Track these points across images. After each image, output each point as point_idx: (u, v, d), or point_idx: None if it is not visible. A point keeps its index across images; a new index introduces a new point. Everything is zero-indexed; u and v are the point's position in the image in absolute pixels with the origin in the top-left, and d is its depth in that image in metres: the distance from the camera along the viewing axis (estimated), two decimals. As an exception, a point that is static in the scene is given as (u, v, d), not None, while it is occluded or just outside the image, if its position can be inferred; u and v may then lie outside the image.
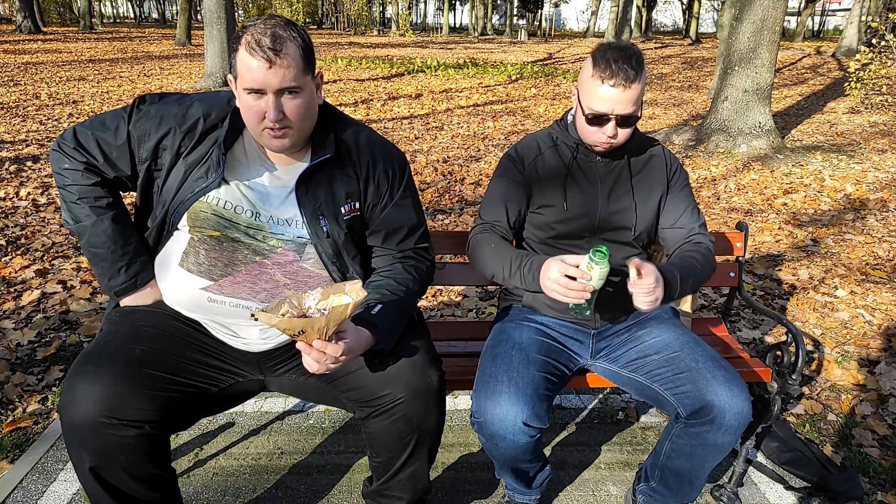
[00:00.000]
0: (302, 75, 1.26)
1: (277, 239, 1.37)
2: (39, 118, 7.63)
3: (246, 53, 1.22)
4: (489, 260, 1.61)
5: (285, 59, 1.22)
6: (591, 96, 1.47)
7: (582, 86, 1.52)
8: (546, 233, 1.67)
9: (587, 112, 1.50)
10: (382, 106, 9.58)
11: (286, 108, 1.26)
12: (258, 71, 1.21)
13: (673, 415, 1.52)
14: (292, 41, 1.24)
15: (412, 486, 1.50)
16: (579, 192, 1.63)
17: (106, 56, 15.94)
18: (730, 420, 1.42)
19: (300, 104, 1.27)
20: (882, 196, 5.17)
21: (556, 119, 1.73)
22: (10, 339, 2.68)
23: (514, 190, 1.66)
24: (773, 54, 6.29)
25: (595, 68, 1.46)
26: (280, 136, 1.29)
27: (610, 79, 1.43)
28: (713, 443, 1.46)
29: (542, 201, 1.65)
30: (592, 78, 1.46)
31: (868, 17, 16.59)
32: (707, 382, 1.45)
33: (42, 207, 4.45)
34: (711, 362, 1.50)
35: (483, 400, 1.44)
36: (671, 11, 53.45)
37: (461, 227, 4.37)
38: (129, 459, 1.26)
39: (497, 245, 1.62)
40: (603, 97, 1.45)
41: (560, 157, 1.65)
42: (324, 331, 1.14)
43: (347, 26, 43.49)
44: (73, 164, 1.38)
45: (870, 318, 3.10)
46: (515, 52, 21.79)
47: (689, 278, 1.53)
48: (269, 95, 1.24)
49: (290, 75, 1.23)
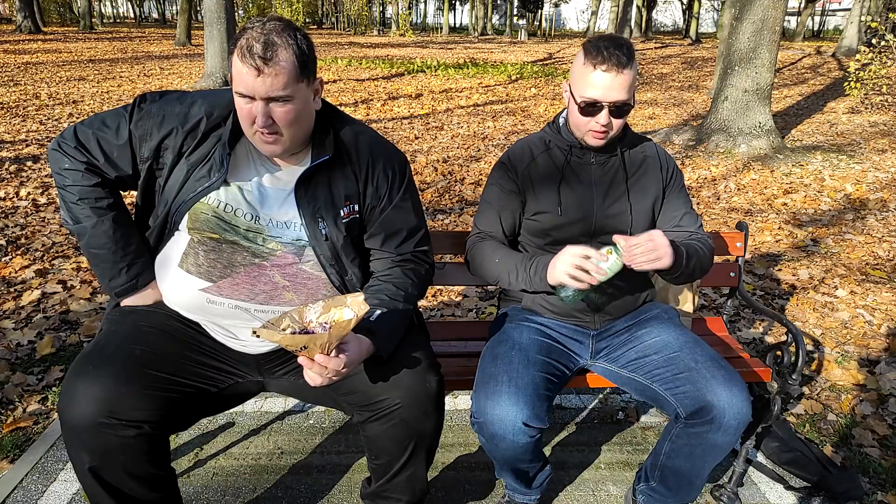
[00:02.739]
0: (294, 83, 1.24)
1: (276, 241, 1.36)
2: (39, 118, 7.63)
3: (237, 59, 1.22)
4: (492, 266, 1.62)
5: (274, 68, 1.20)
6: (584, 84, 1.48)
7: (574, 77, 1.52)
8: (542, 238, 1.67)
9: (580, 101, 1.50)
10: (382, 106, 9.58)
11: (275, 114, 1.25)
12: (247, 77, 1.21)
13: (672, 415, 1.52)
14: (286, 48, 1.22)
15: (410, 489, 1.50)
16: (574, 197, 1.62)
17: (106, 56, 15.94)
18: (729, 420, 1.42)
19: (289, 111, 1.26)
20: (882, 196, 5.17)
21: (548, 122, 1.73)
22: (10, 339, 2.68)
23: (508, 198, 1.67)
24: (774, 54, 6.29)
25: (587, 56, 1.47)
26: (271, 142, 1.28)
27: (602, 64, 1.44)
28: (713, 443, 1.46)
29: (536, 207, 1.64)
30: (584, 66, 1.47)
31: (868, 17, 16.59)
32: (707, 382, 1.45)
33: (42, 207, 4.45)
34: (711, 362, 1.50)
35: (483, 400, 1.44)
36: (671, 11, 53.45)
37: (461, 227, 4.37)
38: (129, 459, 1.26)
39: (497, 250, 1.63)
40: (595, 83, 1.46)
41: (553, 162, 1.65)
42: (326, 346, 1.14)
43: (347, 26, 43.48)
44: (73, 164, 1.37)
45: (870, 318, 3.10)
46: (515, 52, 21.78)
47: (693, 257, 1.54)
48: (258, 101, 1.23)
49: (278, 84, 1.22)
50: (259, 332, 1.09)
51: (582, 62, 1.48)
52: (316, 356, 1.15)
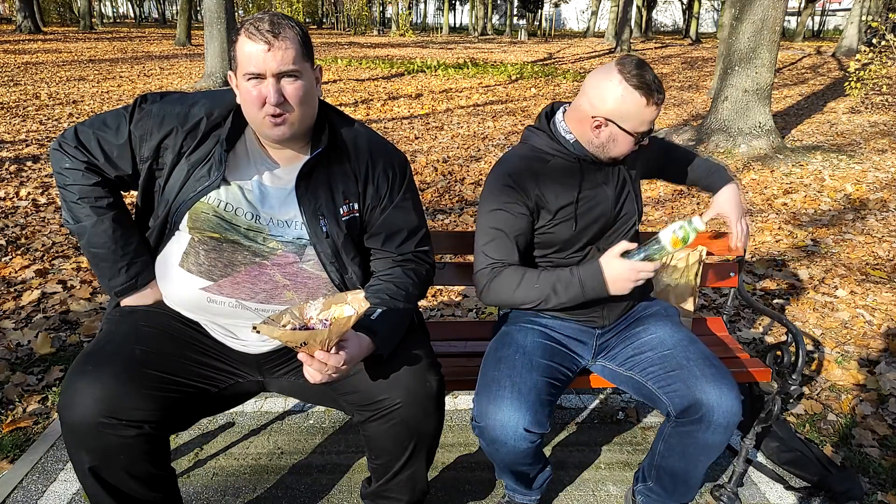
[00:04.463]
0: (301, 60, 1.27)
1: (277, 241, 1.36)
2: (39, 118, 7.63)
3: (245, 39, 1.24)
4: (531, 291, 1.52)
5: (284, 42, 1.24)
6: (639, 121, 1.47)
7: (623, 113, 1.47)
8: (549, 249, 1.62)
9: (635, 134, 1.49)
10: (382, 106, 9.58)
11: (286, 91, 1.26)
12: (257, 55, 1.23)
13: (665, 413, 1.52)
14: (290, 28, 1.26)
15: (410, 488, 1.50)
16: (587, 205, 1.59)
17: (106, 56, 15.94)
18: (718, 419, 1.42)
19: (299, 87, 1.28)
20: (882, 196, 5.17)
21: (532, 128, 1.65)
22: (10, 339, 2.68)
23: (519, 222, 1.55)
24: (774, 54, 6.29)
25: (639, 91, 1.43)
26: (280, 123, 1.29)
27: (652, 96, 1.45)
28: (704, 441, 1.46)
29: (551, 223, 1.58)
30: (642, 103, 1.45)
31: (868, 16, 16.59)
32: (697, 381, 1.45)
33: (42, 207, 4.45)
34: (703, 360, 1.50)
35: (485, 405, 1.43)
36: (671, 11, 53.43)
37: (461, 227, 4.37)
38: (129, 459, 1.26)
39: (527, 274, 1.53)
40: (649, 118, 1.48)
41: (563, 174, 1.58)
42: (326, 343, 1.14)
43: (347, 26, 43.49)
44: (73, 164, 1.37)
45: (870, 318, 3.10)
46: (515, 52, 21.78)
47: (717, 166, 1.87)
48: (268, 79, 1.24)
49: (288, 57, 1.24)
50: (259, 327, 1.09)
51: (641, 101, 1.44)
52: (316, 353, 1.15)
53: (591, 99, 1.49)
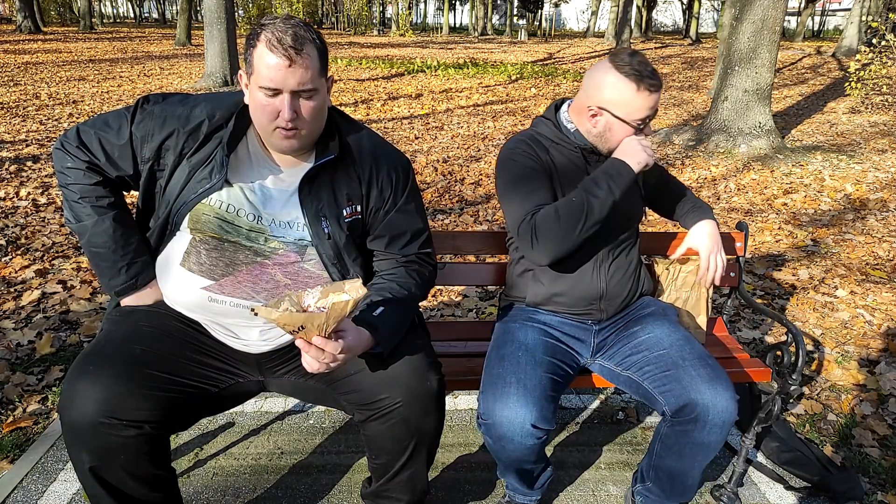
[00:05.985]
0: (318, 77, 1.27)
1: (279, 241, 1.37)
2: (39, 118, 7.63)
3: (266, 50, 1.22)
4: (568, 211, 1.49)
5: (305, 59, 1.22)
6: (637, 109, 1.51)
7: (617, 101, 1.52)
8: None
9: (631, 122, 1.53)
10: (382, 106, 9.58)
11: (301, 108, 1.26)
12: (277, 69, 1.21)
13: (661, 413, 1.52)
14: (311, 43, 1.25)
15: (411, 488, 1.50)
16: None
17: (106, 56, 15.94)
18: (713, 418, 1.42)
19: (314, 106, 1.28)
20: (882, 196, 5.17)
21: (540, 117, 1.71)
22: (10, 339, 2.68)
23: (542, 178, 1.57)
24: (774, 54, 6.29)
25: (630, 79, 1.49)
26: (290, 137, 1.29)
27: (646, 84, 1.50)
28: (699, 441, 1.46)
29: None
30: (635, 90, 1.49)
31: (868, 16, 16.59)
32: (691, 380, 1.45)
33: (42, 207, 4.45)
34: (698, 360, 1.50)
35: (491, 402, 1.43)
36: (671, 11, 53.44)
37: (461, 227, 4.37)
38: (129, 459, 1.26)
39: (559, 202, 1.51)
40: (649, 105, 1.52)
41: (570, 159, 1.64)
42: (323, 327, 1.14)
43: (347, 26, 43.48)
44: (75, 163, 1.38)
45: (870, 318, 3.10)
46: (515, 52, 21.78)
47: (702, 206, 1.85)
48: (285, 95, 1.24)
49: (307, 76, 1.23)
50: (257, 310, 1.09)
51: (631, 87, 1.49)
52: (313, 338, 1.15)
53: (586, 89, 1.57)
